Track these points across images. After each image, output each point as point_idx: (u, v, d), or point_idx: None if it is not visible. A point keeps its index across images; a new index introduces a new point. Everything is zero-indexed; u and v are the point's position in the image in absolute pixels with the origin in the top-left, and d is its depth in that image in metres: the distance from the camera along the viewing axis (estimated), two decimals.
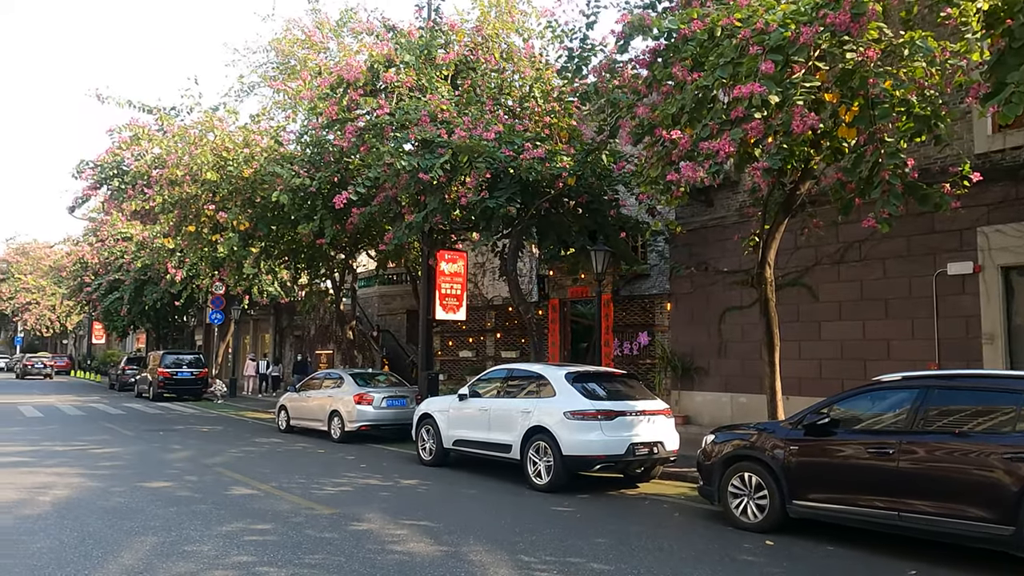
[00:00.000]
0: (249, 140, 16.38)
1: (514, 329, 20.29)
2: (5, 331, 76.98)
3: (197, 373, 28.47)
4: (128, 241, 34.64)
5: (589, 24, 11.86)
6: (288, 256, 20.70)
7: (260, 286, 28.08)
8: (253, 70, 19.96)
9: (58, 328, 63.01)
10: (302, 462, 12.12)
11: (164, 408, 24.04)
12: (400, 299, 26.08)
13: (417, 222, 13.63)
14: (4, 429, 16.73)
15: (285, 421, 17.04)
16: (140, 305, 34.42)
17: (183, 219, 17.89)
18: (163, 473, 10.61)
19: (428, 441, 11.95)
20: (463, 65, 15.33)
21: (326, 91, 15.20)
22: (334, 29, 19.46)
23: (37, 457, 12.13)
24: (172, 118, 17.23)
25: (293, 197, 15.26)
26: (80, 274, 40.46)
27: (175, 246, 23.87)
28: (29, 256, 63.60)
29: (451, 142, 12.69)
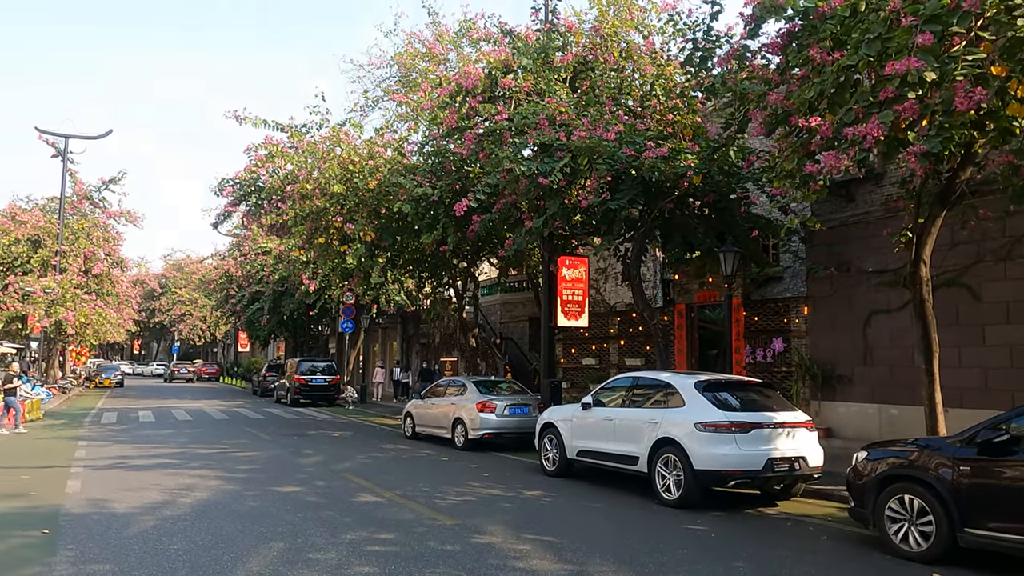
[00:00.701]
0: (373, 153, 16.76)
1: (638, 336, 19.68)
2: (164, 340, 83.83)
3: (330, 380, 29.61)
4: (267, 255, 36.73)
5: (713, 14, 11.24)
6: (413, 265, 21.08)
7: (387, 295, 28.89)
8: (377, 84, 20.52)
9: (208, 337, 67.90)
10: (426, 470, 12.14)
11: (300, 413, 25.11)
12: (522, 306, 26.03)
13: (537, 227, 13.40)
14: (158, 431, 17.94)
15: (411, 428, 17.28)
16: (278, 315, 36.41)
17: (314, 232, 18.57)
18: (294, 478, 10.89)
19: (551, 451, 11.65)
20: (581, 66, 15.01)
21: (445, 100, 15.33)
22: (453, 40, 19.69)
23: (183, 459, 12.83)
24: (303, 135, 17.92)
25: (416, 206, 15.46)
26: (226, 287, 43.34)
27: (308, 258, 24.93)
28: (183, 271, 68.98)
29: (570, 144, 12.39)
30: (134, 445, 14.94)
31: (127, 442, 15.51)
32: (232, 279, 42.27)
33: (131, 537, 7.01)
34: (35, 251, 33.33)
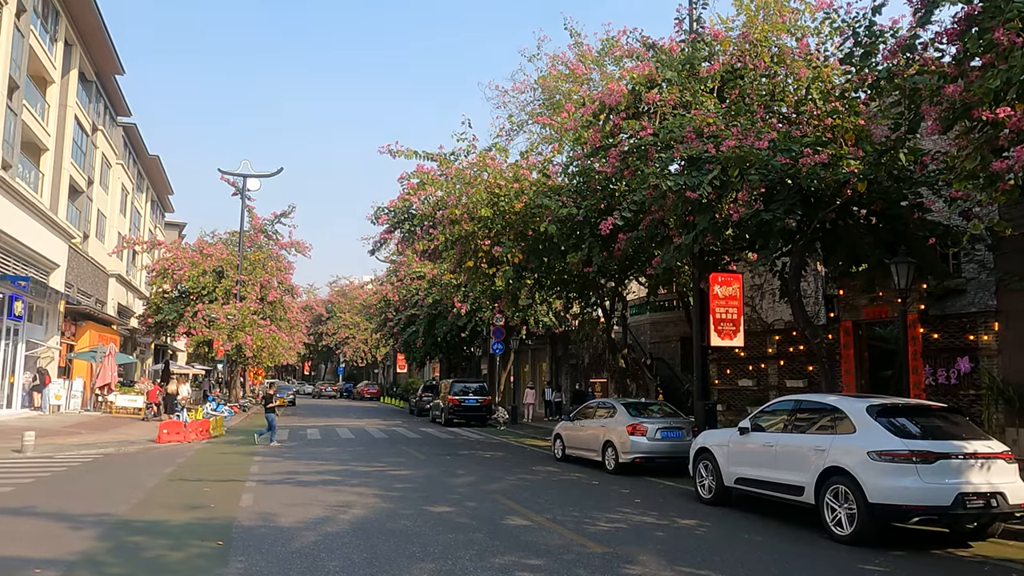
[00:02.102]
0: (519, 175, 16.98)
1: (799, 356, 18.48)
2: (331, 362, 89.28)
3: (482, 400, 30.13)
4: (421, 279, 38.22)
5: (876, 7, 10.42)
6: (560, 286, 21.08)
7: (535, 316, 29.09)
8: (522, 108, 20.80)
9: (370, 359, 71.55)
10: (576, 493, 11.93)
11: (453, 433, 25.70)
12: (672, 326, 25.28)
13: (686, 244, 12.95)
14: (323, 449, 18.95)
15: (560, 450, 17.13)
16: (433, 337, 37.69)
17: (463, 255, 19.04)
18: (446, 498, 11.04)
19: (706, 478, 11.08)
20: (730, 75, 14.43)
21: (589, 119, 15.25)
22: (596, 59, 19.64)
23: (343, 476, 13.41)
24: (451, 162, 18.49)
25: (561, 227, 15.45)
26: (384, 311, 45.53)
27: (458, 281, 25.61)
28: (347, 297, 73.28)
29: (720, 155, 11.88)
30: (301, 461, 15.84)
31: (295, 458, 16.47)
32: (390, 303, 44.35)
33: (294, 552, 7.32)
34: (219, 281, 36.59)
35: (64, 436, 19.23)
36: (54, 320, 27.25)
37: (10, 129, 26.14)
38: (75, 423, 22.93)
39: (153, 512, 9.42)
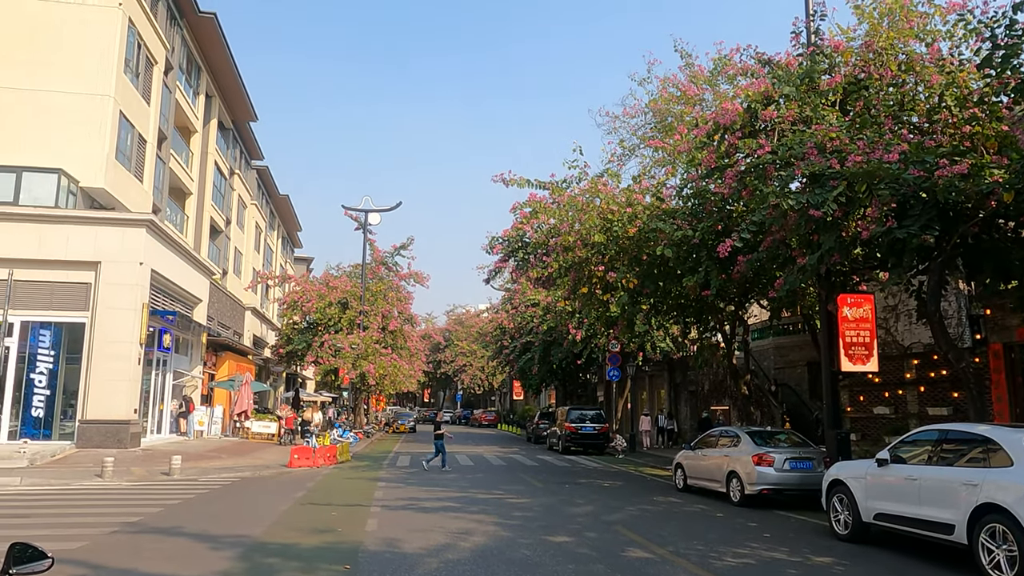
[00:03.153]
0: (632, 200, 16.83)
1: (942, 381, 17.16)
2: (449, 389, 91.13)
3: (599, 428, 29.77)
4: (535, 306, 38.44)
5: (1017, 5, 9.70)
6: (677, 311, 20.62)
7: (652, 342, 28.57)
8: (633, 133, 20.68)
9: (487, 386, 72.48)
10: (699, 526, 11.51)
11: (571, 461, 25.49)
12: (798, 350, 24.12)
13: (811, 265, 12.37)
14: (443, 476, 19.27)
15: (682, 479, 16.63)
16: (548, 364, 37.74)
17: (577, 282, 19.01)
18: (565, 527, 10.93)
19: (841, 512, 10.41)
20: (852, 86, 13.77)
21: (703, 140, 14.95)
22: (708, 79, 19.28)
23: (464, 503, 13.56)
24: (563, 189, 18.58)
25: (677, 250, 15.16)
26: (500, 338, 46.08)
27: (573, 308, 25.54)
28: (464, 325, 74.78)
29: (844, 171, 11.31)
30: (423, 488, 16.16)
31: (417, 484, 16.83)
32: (505, 331, 44.85)
33: None
34: (344, 312, 38.26)
35: (206, 460, 20.53)
36: (197, 351, 29.30)
37: (160, 176, 28.56)
38: (216, 448, 24.46)
39: (285, 535, 9.85)
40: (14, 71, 22.77)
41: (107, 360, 20.88)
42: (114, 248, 21.37)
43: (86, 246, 21.17)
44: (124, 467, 17.23)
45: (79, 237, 21.19)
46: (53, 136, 22.50)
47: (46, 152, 22.29)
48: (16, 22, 23.18)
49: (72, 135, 22.60)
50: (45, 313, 21.10)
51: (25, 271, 20.39)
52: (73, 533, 9.53)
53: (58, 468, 17.20)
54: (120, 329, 21.08)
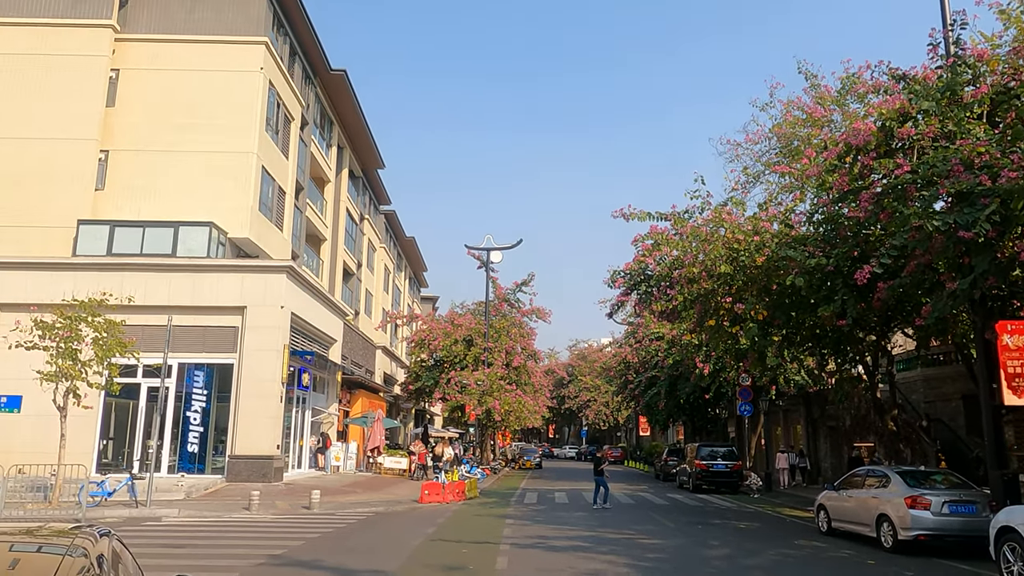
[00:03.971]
0: (759, 228, 16.27)
1: None
2: (574, 425, 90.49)
3: (731, 466, 28.56)
4: (660, 340, 37.67)
5: None
6: (812, 342, 19.62)
7: (785, 375, 27.26)
8: (757, 159, 20.08)
9: (612, 422, 71.43)
10: (849, 574, 10.72)
11: (702, 500, 24.55)
12: (951, 382, 22.26)
13: (962, 289, 11.46)
14: (571, 513, 19.05)
15: (825, 522, 15.60)
16: (675, 399, 36.76)
17: (703, 314, 18.50)
18: (701, 571, 10.49)
19: (1015, 563, 9.41)
20: (1002, 96, 12.77)
21: (833, 163, 14.30)
22: (836, 99, 18.50)
23: (593, 543, 13.32)
24: (685, 220, 18.24)
25: (809, 279, 14.48)
26: (624, 373, 45.41)
27: (699, 341, 24.85)
28: (586, 360, 74.32)
29: (997, 188, 10.47)
30: (551, 526, 16.03)
31: (545, 522, 16.72)
32: (629, 365, 44.17)
33: None
34: (469, 349, 39.00)
35: (343, 495, 21.33)
36: (333, 389, 30.70)
37: (297, 225, 30.47)
38: (351, 483, 25.38)
39: (418, 571, 10.02)
40: (173, 135, 25.15)
41: (252, 398, 22.24)
42: (258, 293, 22.88)
43: (234, 292, 22.79)
44: (269, 500, 18.18)
45: (228, 284, 22.85)
46: (205, 192, 24.58)
47: (199, 207, 24.34)
48: (174, 92, 25.65)
49: (221, 190, 24.60)
50: (199, 355, 22.81)
51: (182, 317, 22.19)
52: (225, 564, 10.13)
53: (210, 501, 18.38)
54: (264, 369, 22.44)
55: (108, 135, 25.33)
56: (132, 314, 19.81)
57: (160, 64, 26.07)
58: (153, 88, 25.86)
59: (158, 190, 24.91)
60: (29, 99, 25.22)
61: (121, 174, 25.25)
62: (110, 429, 22.98)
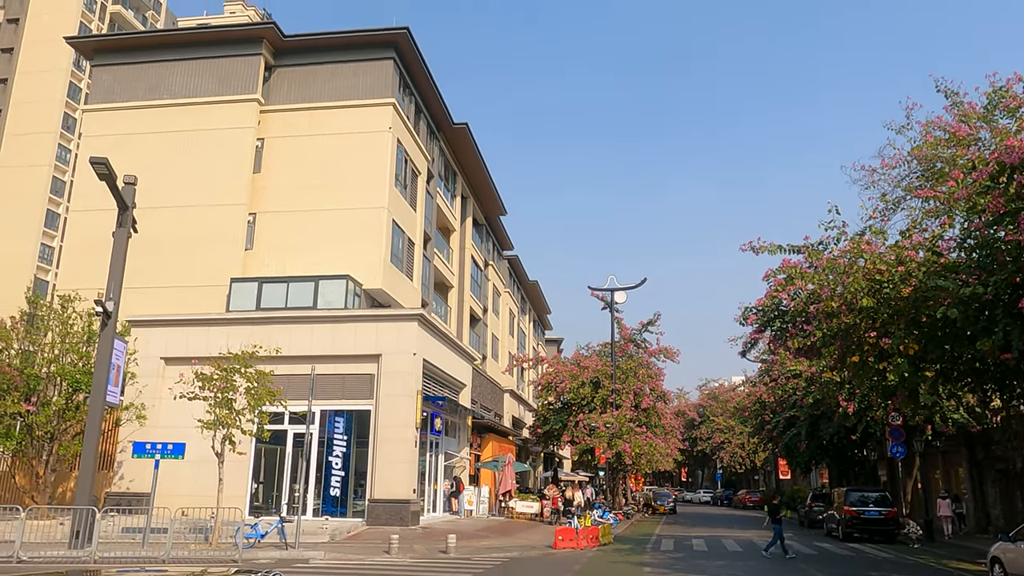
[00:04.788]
0: (903, 257, 15.33)
1: None
2: (707, 468, 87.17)
3: (885, 512, 26.51)
4: (797, 378, 35.86)
5: None
6: (971, 377, 18.08)
7: (942, 413, 25.21)
8: (895, 184, 19.04)
9: (748, 464, 68.23)
10: None
11: (854, 550, 22.88)
12: None
13: None
14: (711, 562, 18.28)
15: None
16: (817, 440, 34.72)
17: (845, 350, 17.52)
18: None
19: None
20: None
21: (986, 184, 13.34)
22: (982, 115, 17.32)
23: None
24: (820, 252, 17.46)
25: (965, 310, 13.45)
26: (760, 413, 43.45)
27: (841, 378, 23.50)
28: (718, 400, 71.76)
29: None
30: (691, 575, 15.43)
31: (685, 571, 16.12)
32: (765, 405, 42.26)
33: None
34: (596, 391, 38.68)
35: (477, 539, 21.51)
36: (463, 433, 31.23)
37: (426, 274, 31.60)
38: (484, 527, 25.55)
39: None
40: (312, 195, 26.96)
41: (388, 443, 23.00)
42: (392, 341, 23.81)
43: (369, 341, 23.83)
44: (407, 544, 18.61)
45: (364, 333, 23.94)
46: (341, 246, 26.06)
47: (336, 261, 25.81)
48: (312, 155, 27.57)
49: (356, 244, 26.00)
50: (338, 402, 23.91)
51: (322, 365, 23.40)
52: None
53: (353, 544, 19.04)
54: (399, 414, 23.19)
55: (255, 199, 27.47)
56: (279, 364, 21.10)
57: (298, 131, 28.13)
58: (293, 153, 27.89)
59: (299, 247, 26.66)
60: (187, 171, 27.84)
61: (267, 234, 27.24)
62: (260, 473, 24.38)
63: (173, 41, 30.65)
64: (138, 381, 23.05)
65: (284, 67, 29.34)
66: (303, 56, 29.27)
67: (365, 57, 28.71)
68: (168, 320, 24.37)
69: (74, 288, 23.95)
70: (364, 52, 28.75)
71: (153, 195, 26.28)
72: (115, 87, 29.99)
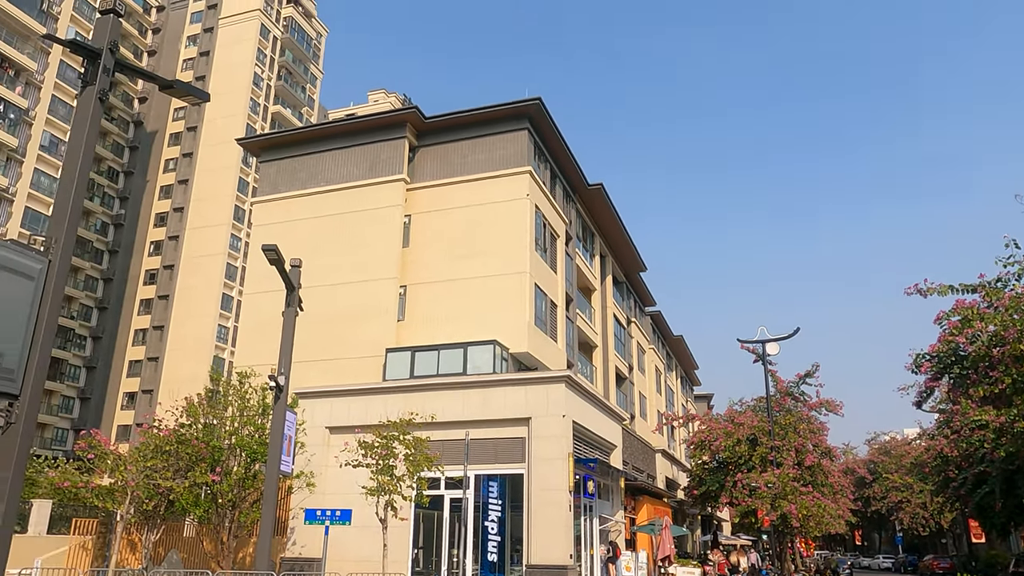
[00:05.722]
0: None
1: None
2: (885, 530, 79.78)
3: None
4: (984, 429, 32.39)
5: None
6: None
7: None
8: None
9: (933, 526, 61.82)
10: None
11: None
12: None
13: None
14: None
15: None
16: (1015, 499, 30.95)
17: None
18: None
19: None
20: None
21: None
22: None
23: None
24: (1000, 291, 16.00)
25: None
26: (942, 469, 39.44)
27: None
28: (891, 455, 66.01)
29: None
30: None
31: None
32: (948, 460, 38.35)
33: None
34: (753, 449, 36.76)
35: None
36: (617, 496, 30.53)
37: (570, 335, 31.75)
38: None
39: None
40: (456, 264, 28.08)
41: (542, 507, 22.88)
42: (540, 404, 23.94)
43: (519, 404, 24.10)
44: None
45: (512, 397, 24.26)
46: (487, 313, 26.81)
47: (483, 326, 26.54)
48: (454, 227, 28.82)
49: (500, 310, 26.65)
50: (491, 466, 24.18)
51: (475, 430, 23.86)
52: None
53: None
54: (551, 478, 23.09)
55: (405, 272, 28.96)
56: (433, 430, 21.75)
57: (442, 204, 29.58)
58: (437, 226, 29.30)
59: (447, 315, 27.69)
60: (343, 250, 29.87)
61: (417, 304, 28.54)
62: (420, 538, 24.92)
63: (326, 133, 33.39)
64: (307, 450, 24.48)
65: (426, 146, 31.13)
66: (443, 134, 30.96)
67: (500, 130, 29.94)
68: (331, 391, 25.84)
69: (249, 364, 26.03)
70: (499, 125, 30.00)
71: (313, 274, 28.30)
72: (278, 179, 32.95)
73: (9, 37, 52.80)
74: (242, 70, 74.98)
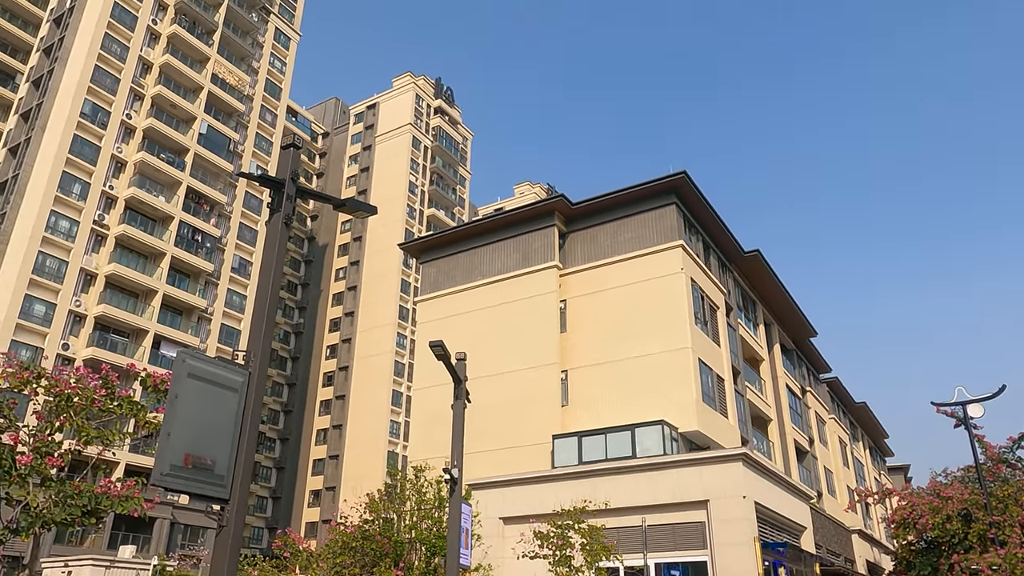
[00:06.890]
0: None
1: None
2: None
3: None
4: None
5: None
6: None
7: None
8: None
9: None
10: None
11: None
12: None
13: None
14: None
15: None
16: None
17: None
18: None
19: None
20: None
21: None
22: None
23: None
24: None
25: None
26: None
27: None
28: None
29: None
30: None
31: None
32: None
33: None
34: (967, 525, 32.60)
35: None
36: None
37: (741, 409, 30.28)
38: None
39: None
40: (615, 345, 27.86)
41: None
42: (717, 485, 22.74)
43: (694, 486, 23.03)
44: None
45: (686, 479, 23.25)
46: (651, 392, 26.20)
47: (648, 406, 25.91)
48: (610, 308, 28.77)
49: (665, 388, 25.97)
50: (670, 553, 23.04)
51: (650, 515, 22.98)
52: None
53: None
54: (737, 564, 21.62)
55: (565, 356, 29.08)
56: (607, 517, 21.16)
57: (595, 287, 29.72)
58: (593, 308, 29.38)
59: (610, 397, 27.33)
60: (502, 340, 30.57)
61: (579, 388, 28.44)
62: None
63: (479, 230, 34.92)
64: (483, 542, 24.56)
65: (575, 231, 31.69)
66: (590, 218, 31.43)
67: (647, 207, 29.98)
68: (501, 481, 25.98)
69: (422, 457, 26.85)
70: (645, 202, 30.06)
71: (476, 366, 29.01)
72: (438, 277, 34.65)
73: (204, 176, 60.28)
74: (398, 180, 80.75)
